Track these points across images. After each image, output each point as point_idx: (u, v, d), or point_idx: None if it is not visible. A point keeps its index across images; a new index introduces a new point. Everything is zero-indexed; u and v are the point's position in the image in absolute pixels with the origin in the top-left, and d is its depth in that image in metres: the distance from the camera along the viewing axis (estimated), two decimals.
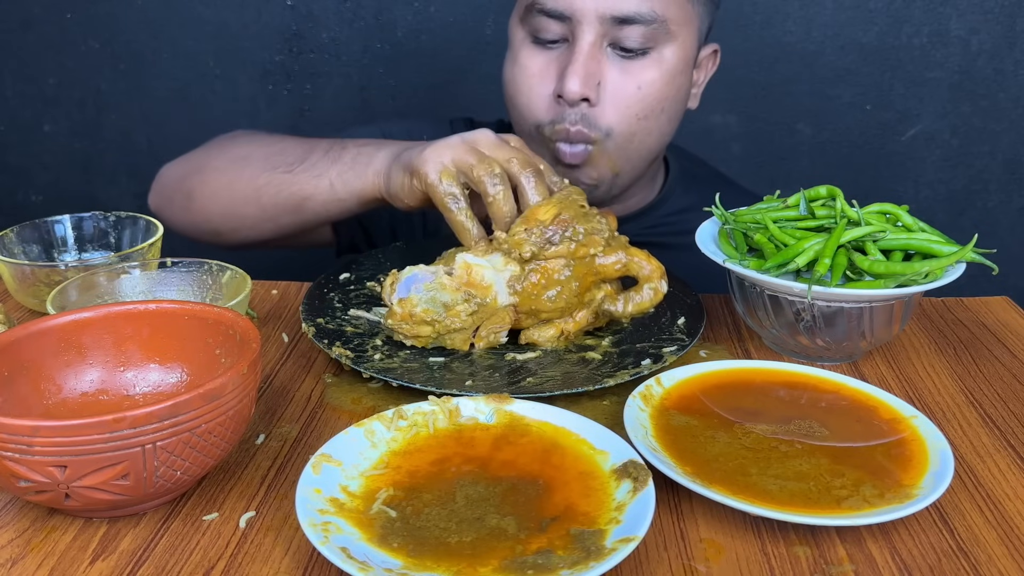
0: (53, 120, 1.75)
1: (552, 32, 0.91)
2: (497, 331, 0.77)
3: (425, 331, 0.75)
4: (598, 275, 0.78)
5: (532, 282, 0.76)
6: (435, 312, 0.74)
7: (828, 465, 0.62)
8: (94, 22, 1.66)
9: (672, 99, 0.95)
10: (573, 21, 0.89)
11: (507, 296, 0.76)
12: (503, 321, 0.77)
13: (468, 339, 0.77)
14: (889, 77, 1.63)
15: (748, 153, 1.69)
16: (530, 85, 0.94)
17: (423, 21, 1.63)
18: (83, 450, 0.52)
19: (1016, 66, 1.61)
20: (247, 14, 1.64)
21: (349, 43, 1.65)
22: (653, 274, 0.79)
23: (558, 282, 0.76)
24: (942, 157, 1.68)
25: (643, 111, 0.93)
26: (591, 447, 0.62)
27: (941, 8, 1.58)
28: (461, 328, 0.75)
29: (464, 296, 0.74)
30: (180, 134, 1.76)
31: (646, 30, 0.89)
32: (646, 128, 0.94)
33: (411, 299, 0.74)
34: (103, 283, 0.80)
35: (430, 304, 0.74)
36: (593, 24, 0.89)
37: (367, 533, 0.54)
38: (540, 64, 0.93)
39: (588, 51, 0.89)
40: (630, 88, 0.92)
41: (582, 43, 0.89)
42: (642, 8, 0.88)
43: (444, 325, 0.74)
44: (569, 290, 0.76)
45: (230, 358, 0.64)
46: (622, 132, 0.93)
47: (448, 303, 0.74)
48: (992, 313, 0.92)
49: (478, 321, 0.76)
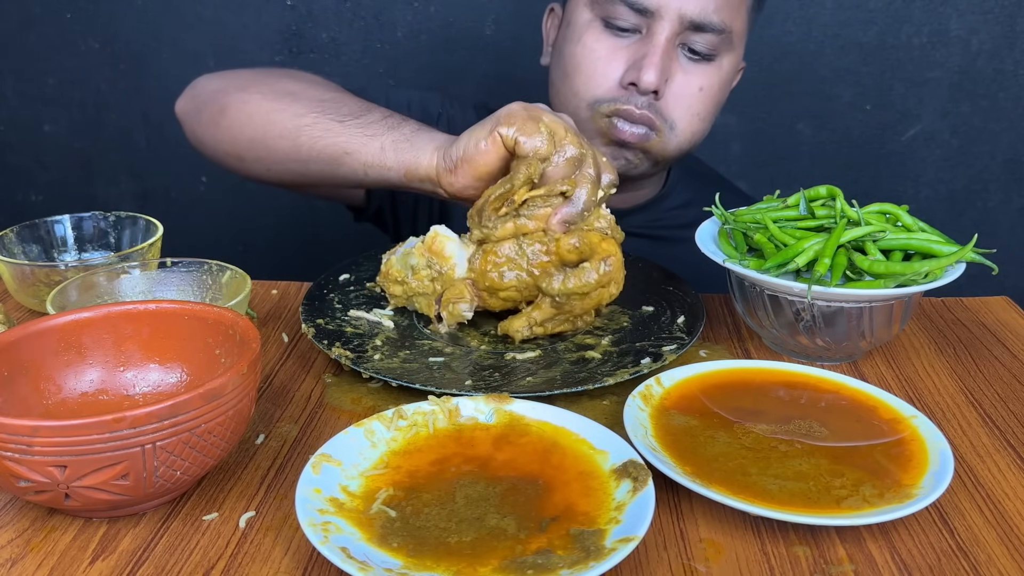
0: (53, 120, 1.75)
1: (627, 21, 0.95)
2: (456, 302, 0.79)
3: (397, 290, 0.81)
4: (553, 255, 0.76)
5: (485, 258, 0.77)
6: (404, 273, 0.80)
7: (828, 465, 0.62)
8: (94, 22, 1.66)
9: (719, 106, 1.02)
10: (654, 16, 0.93)
11: (464, 270, 0.79)
12: (462, 295, 0.78)
13: (432, 305, 0.80)
14: (889, 77, 1.63)
15: (748, 153, 1.69)
16: (595, 66, 0.97)
17: (423, 21, 1.63)
18: (83, 450, 0.52)
19: (1016, 66, 1.61)
20: (247, 14, 1.64)
21: (349, 43, 1.65)
22: (598, 250, 0.76)
23: (508, 258, 0.77)
24: (942, 157, 1.68)
25: (702, 112, 0.99)
26: (591, 447, 0.62)
27: (941, 8, 1.58)
28: (425, 292, 0.79)
29: (427, 262, 0.79)
30: (180, 134, 1.76)
31: (715, 38, 0.95)
32: (701, 129, 1.01)
33: (391, 259, 0.81)
34: (103, 283, 0.80)
35: (401, 265, 0.80)
36: (673, 22, 0.93)
37: (367, 533, 0.54)
38: (608, 48, 0.96)
39: (665, 46, 0.94)
40: (693, 88, 0.97)
41: (659, 38, 0.93)
42: (716, 18, 0.94)
43: (411, 287, 0.80)
44: (520, 267, 0.77)
45: (230, 358, 0.64)
46: (684, 128, 0.99)
47: (415, 266, 0.79)
48: (992, 313, 0.92)
49: (441, 288, 0.79)
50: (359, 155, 0.86)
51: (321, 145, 0.87)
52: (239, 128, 0.93)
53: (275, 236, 1.80)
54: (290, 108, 0.90)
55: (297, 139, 0.89)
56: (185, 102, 1.01)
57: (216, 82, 0.99)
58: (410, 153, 0.83)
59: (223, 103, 0.95)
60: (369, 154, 0.85)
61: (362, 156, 0.85)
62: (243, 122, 0.93)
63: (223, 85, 0.97)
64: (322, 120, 0.88)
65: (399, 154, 0.84)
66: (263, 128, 0.91)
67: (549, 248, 0.76)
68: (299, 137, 0.89)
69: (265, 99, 0.92)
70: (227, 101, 0.94)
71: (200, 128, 0.98)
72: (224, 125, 0.94)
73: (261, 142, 0.92)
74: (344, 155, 0.87)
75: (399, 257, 0.81)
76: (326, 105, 0.90)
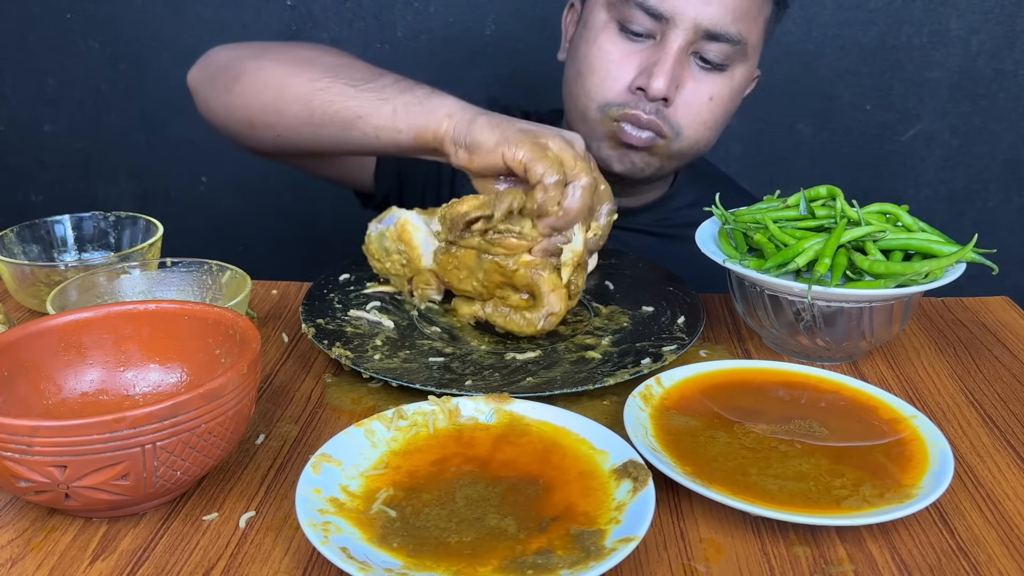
0: (53, 120, 1.75)
1: (642, 26, 0.95)
2: (425, 289, 0.84)
3: (376, 266, 0.86)
4: (505, 277, 0.78)
5: (446, 258, 0.81)
6: (380, 252, 0.85)
7: (828, 465, 0.62)
8: (94, 22, 1.66)
9: (729, 115, 1.02)
10: (669, 23, 0.93)
11: (429, 260, 0.83)
12: (428, 283, 0.84)
13: (405, 286, 0.86)
14: (889, 77, 1.63)
15: (748, 153, 1.69)
16: (608, 69, 0.97)
17: (423, 21, 1.63)
18: (83, 450, 0.52)
19: (1016, 66, 1.61)
20: (247, 14, 1.64)
21: (349, 43, 1.64)
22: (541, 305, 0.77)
23: (468, 267, 0.80)
24: (942, 157, 1.68)
25: (710, 121, 0.99)
26: (591, 447, 0.62)
27: (941, 8, 1.58)
28: (397, 274, 0.85)
29: (396, 248, 0.84)
30: (180, 134, 1.77)
31: (729, 48, 0.95)
32: (707, 138, 1.01)
33: (371, 234, 0.86)
34: (103, 283, 0.80)
35: (378, 244, 0.85)
36: (688, 31, 0.93)
37: (367, 533, 0.54)
38: (622, 52, 0.96)
39: (677, 54, 0.94)
40: (703, 97, 0.97)
41: (672, 45, 0.93)
42: (732, 29, 0.93)
43: (384, 267, 0.85)
44: (476, 279, 0.80)
45: (230, 358, 0.64)
46: (690, 136, 0.99)
47: (388, 249, 0.85)
48: (992, 313, 0.92)
49: (410, 273, 0.85)
50: (371, 118, 0.86)
51: (334, 109, 0.88)
52: (252, 93, 0.93)
53: (275, 236, 1.80)
54: (304, 73, 0.91)
55: (311, 103, 0.89)
56: (198, 71, 1.01)
57: (231, 51, 0.99)
58: (421, 117, 0.83)
59: (237, 70, 0.95)
60: (382, 117, 0.85)
61: (374, 119, 0.86)
62: (257, 88, 0.93)
63: (238, 53, 0.98)
64: (336, 84, 0.88)
65: (411, 117, 0.84)
66: (277, 93, 0.92)
67: (505, 270, 0.77)
68: (312, 101, 0.89)
69: (280, 65, 0.93)
70: (242, 67, 0.95)
71: (213, 95, 0.98)
72: (237, 91, 0.94)
73: (273, 106, 0.92)
74: (357, 119, 0.87)
75: (376, 235, 0.85)
76: (340, 70, 0.90)
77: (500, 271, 0.78)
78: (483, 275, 0.79)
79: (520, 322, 0.78)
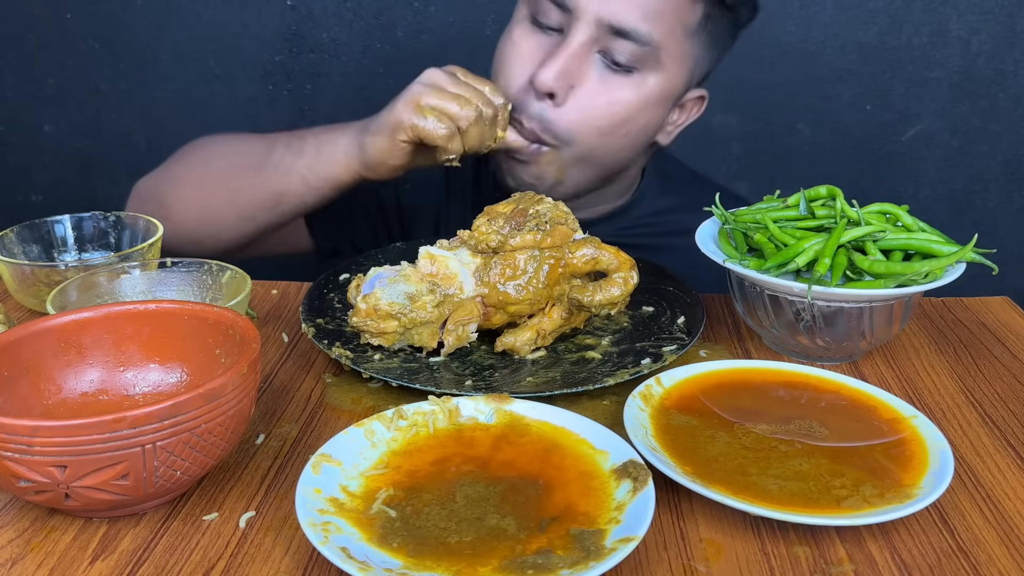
0: (53, 120, 1.75)
1: (550, 19, 0.91)
2: (465, 323, 0.74)
3: (391, 326, 0.72)
4: (567, 268, 0.76)
5: (498, 271, 0.74)
6: (400, 304, 0.71)
7: (828, 465, 0.62)
8: (94, 22, 1.66)
9: (641, 126, 0.94)
10: (573, 15, 0.89)
11: (473, 286, 0.74)
12: (471, 314, 0.74)
13: (436, 333, 0.73)
14: (889, 77, 1.63)
15: (748, 153, 1.69)
16: (513, 62, 0.93)
17: (423, 21, 1.63)
18: (83, 450, 0.52)
19: (1016, 66, 1.61)
20: (247, 14, 1.64)
21: (349, 43, 1.65)
22: (622, 265, 0.76)
23: (525, 271, 0.74)
24: (942, 157, 1.68)
25: (606, 127, 0.92)
26: (591, 447, 0.62)
27: (941, 8, 1.58)
28: (427, 321, 0.72)
29: (429, 287, 0.72)
30: (180, 134, 1.75)
31: (637, 49, 0.88)
32: (606, 144, 0.93)
33: (375, 293, 0.72)
34: (103, 283, 0.80)
35: (394, 296, 0.71)
36: (590, 25, 0.88)
37: (367, 533, 0.54)
38: (531, 45, 0.93)
39: (576, 49, 0.89)
40: (601, 100, 0.90)
41: (572, 40, 0.89)
42: (640, 27, 0.87)
43: (410, 318, 0.71)
44: (537, 280, 0.74)
45: (230, 358, 0.64)
46: (582, 143, 0.92)
47: (413, 294, 0.72)
48: (992, 313, 0.92)
49: (445, 313, 0.73)
50: (290, 192, 0.93)
51: (259, 198, 0.95)
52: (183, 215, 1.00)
53: None
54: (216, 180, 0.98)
55: (237, 203, 0.96)
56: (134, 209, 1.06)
57: (148, 182, 1.07)
58: (326, 168, 0.90)
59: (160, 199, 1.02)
60: (296, 186, 0.92)
61: (293, 191, 0.92)
62: (184, 208, 1.00)
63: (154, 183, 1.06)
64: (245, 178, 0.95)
65: (317, 175, 0.90)
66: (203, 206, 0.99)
67: (565, 259, 0.75)
68: (237, 201, 0.96)
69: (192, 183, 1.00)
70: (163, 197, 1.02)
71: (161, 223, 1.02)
72: (172, 219, 0.98)
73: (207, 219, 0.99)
74: (279, 197, 0.94)
75: (385, 289, 0.72)
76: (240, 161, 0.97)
77: (558, 262, 0.75)
78: (544, 274, 0.74)
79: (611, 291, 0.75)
